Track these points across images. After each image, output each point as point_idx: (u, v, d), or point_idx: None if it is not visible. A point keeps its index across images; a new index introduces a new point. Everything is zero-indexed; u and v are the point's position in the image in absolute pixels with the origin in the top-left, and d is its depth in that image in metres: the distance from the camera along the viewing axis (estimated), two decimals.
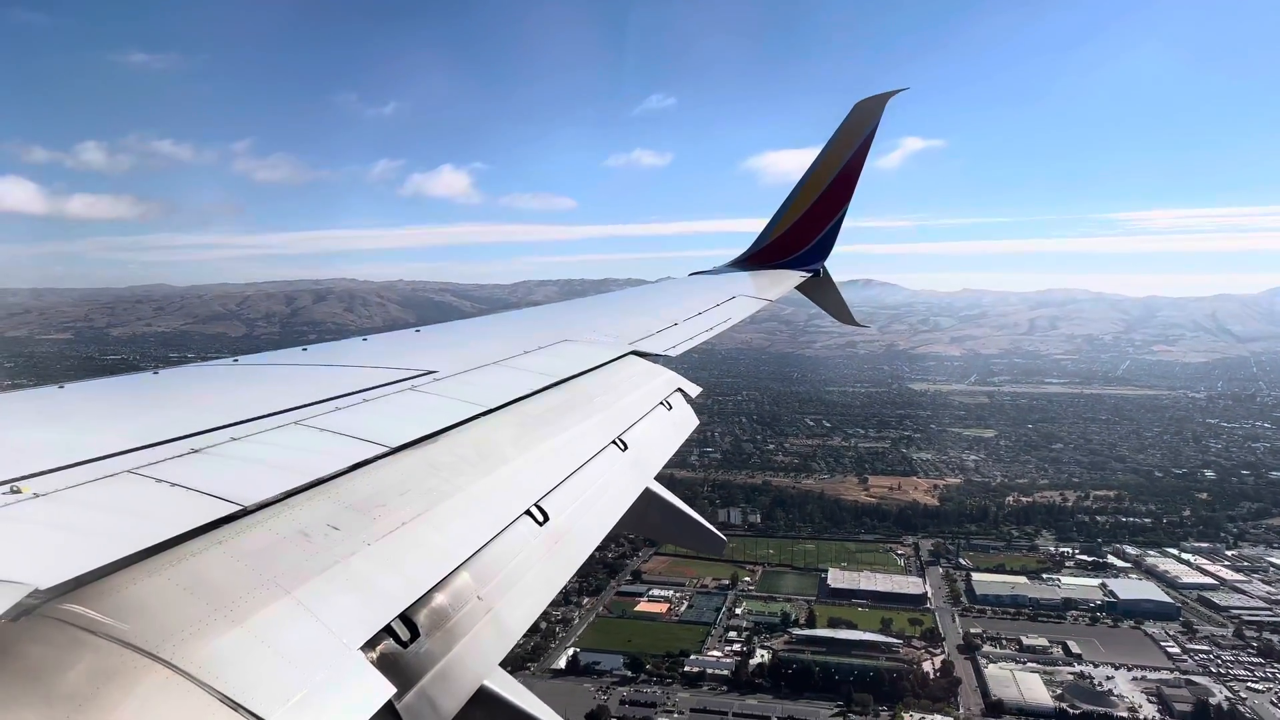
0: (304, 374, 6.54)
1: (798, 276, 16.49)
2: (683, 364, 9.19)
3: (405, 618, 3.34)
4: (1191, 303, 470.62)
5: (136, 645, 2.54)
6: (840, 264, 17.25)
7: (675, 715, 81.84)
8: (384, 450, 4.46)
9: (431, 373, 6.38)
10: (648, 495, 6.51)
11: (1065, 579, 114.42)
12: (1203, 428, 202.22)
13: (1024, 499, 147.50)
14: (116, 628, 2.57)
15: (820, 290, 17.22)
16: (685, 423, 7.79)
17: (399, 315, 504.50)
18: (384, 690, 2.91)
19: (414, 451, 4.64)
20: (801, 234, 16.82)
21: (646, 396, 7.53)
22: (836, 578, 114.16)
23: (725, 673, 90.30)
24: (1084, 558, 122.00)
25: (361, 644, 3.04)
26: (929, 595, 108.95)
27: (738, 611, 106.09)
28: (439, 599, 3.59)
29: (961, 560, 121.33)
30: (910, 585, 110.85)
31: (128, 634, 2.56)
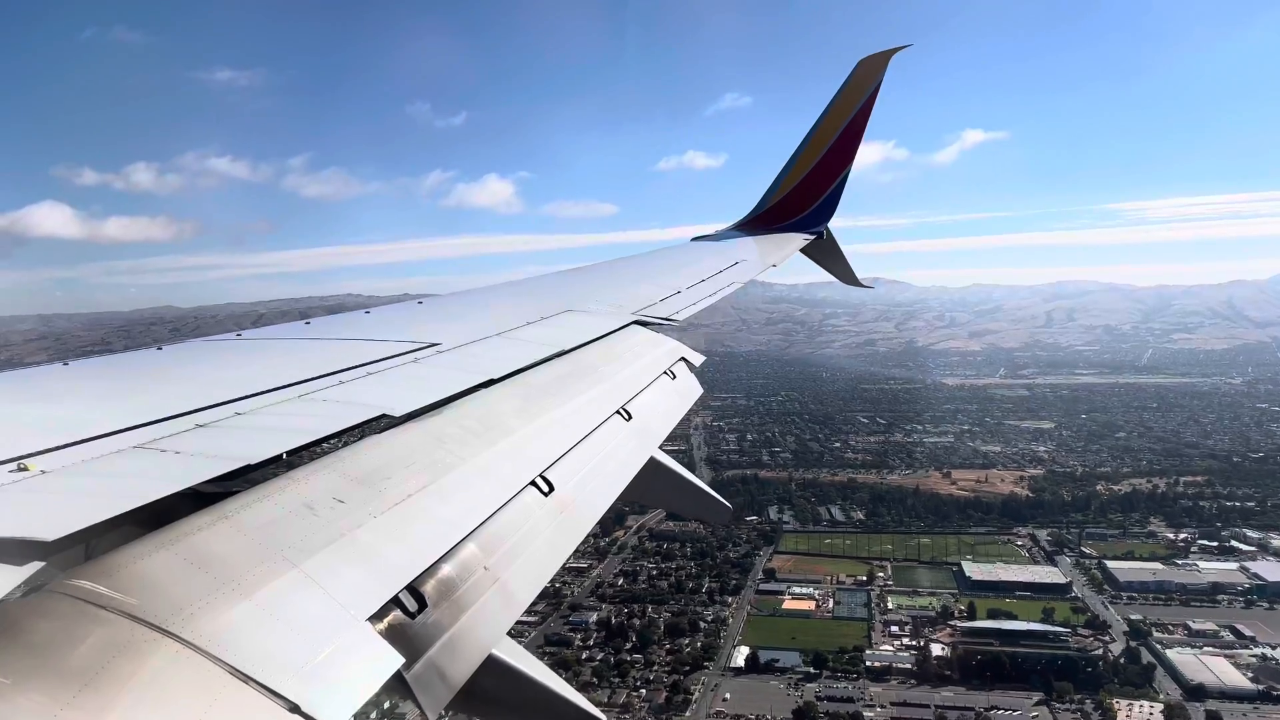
0: (307, 348, 6.59)
1: (801, 239, 16.19)
2: (701, 366, 9.21)
3: (412, 589, 3.38)
4: (1206, 290, 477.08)
5: (145, 619, 2.56)
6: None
7: (878, 710, 79.83)
8: (389, 422, 4.52)
9: (434, 345, 6.41)
10: (653, 465, 6.52)
11: (1201, 563, 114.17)
12: (1256, 413, 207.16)
13: (1114, 487, 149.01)
14: (125, 602, 2.59)
15: (824, 252, 16.84)
16: (689, 392, 7.73)
17: None
18: (393, 660, 2.97)
19: (418, 423, 4.70)
20: (804, 195, 16.47)
21: (650, 366, 7.51)
22: (973, 570, 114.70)
23: (909, 666, 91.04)
24: (1205, 542, 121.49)
25: (369, 615, 3.09)
26: (1072, 584, 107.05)
27: (889, 606, 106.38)
28: (446, 570, 3.63)
29: (1084, 549, 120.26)
30: (1048, 575, 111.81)
31: (136, 608, 2.59)
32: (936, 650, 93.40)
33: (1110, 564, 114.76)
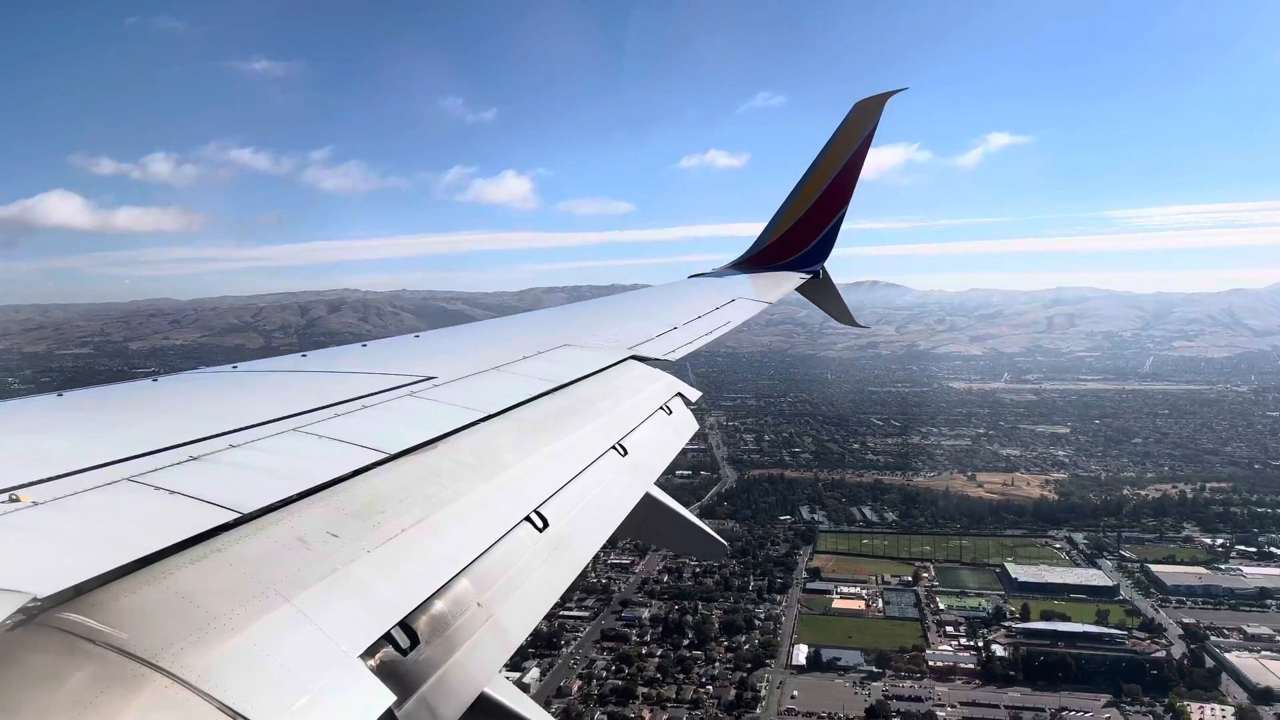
0: (303, 380, 6.65)
1: (797, 278, 16.52)
2: (707, 367, 9.21)
3: (405, 625, 3.38)
4: (1207, 298, 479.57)
5: (135, 654, 2.56)
6: (843, 266, 17.49)
7: (949, 709, 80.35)
8: (383, 456, 4.53)
9: (431, 378, 6.45)
10: (648, 500, 6.63)
11: (1244, 568, 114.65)
12: (1269, 421, 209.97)
13: (1140, 492, 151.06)
14: (115, 636, 2.59)
15: (820, 292, 17.24)
16: (685, 427, 7.73)
17: (414, 324, 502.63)
18: (384, 698, 2.94)
19: (413, 458, 4.73)
20: (801, 235, 16.82)
21: (646, 401, 7.57)
22: (1017, 572, 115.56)
23: (972, 666, 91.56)
24: (1243, 548, 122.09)
25: (361, 651, 3.08)
26: (1119, 587, 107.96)
27: (941, 607, 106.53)
28: (439, 606, 3.63)
29: (1123, 553, 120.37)
30: (1093, 577, 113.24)
31: (127, 642, 2.59)
32: (997, 651, 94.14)
33: (1153, 568, 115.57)
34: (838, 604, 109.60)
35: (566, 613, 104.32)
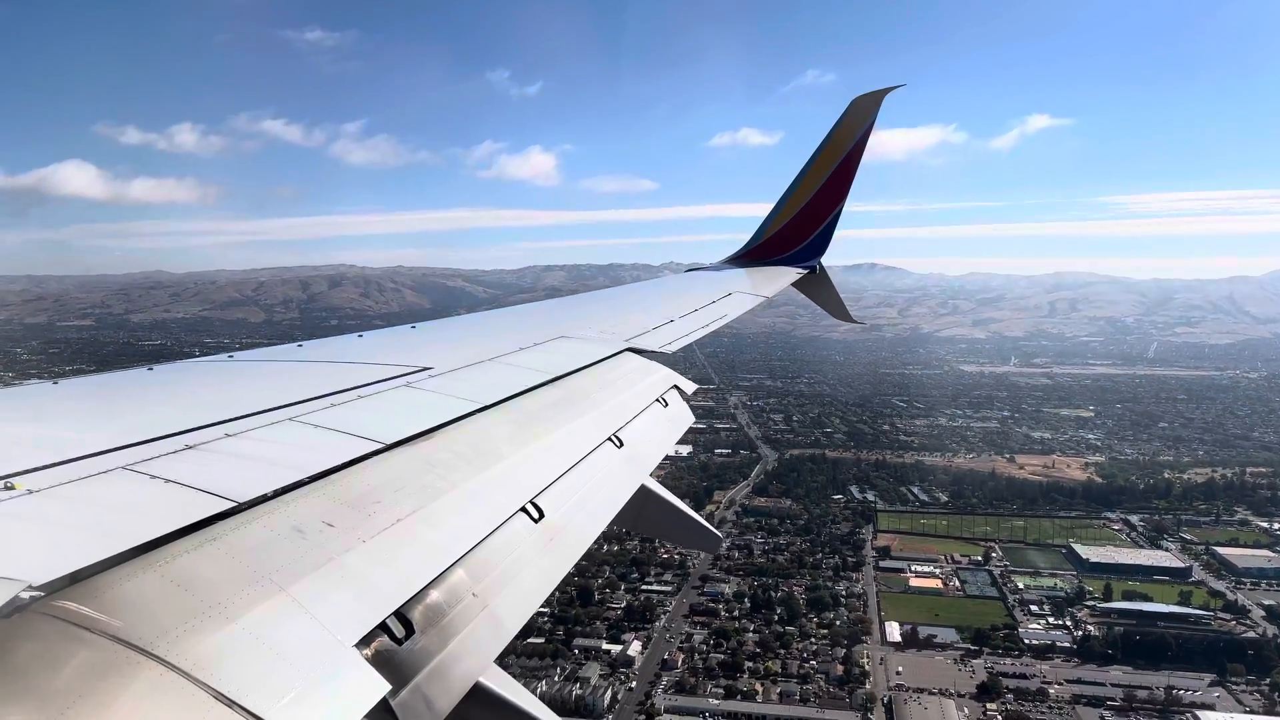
0: (299, 370, 6.69)
1: (794, 273, 16.72)
2: (714, 348, 9.49)
3: (400, 614, 3.43)
4: (1207, 285, 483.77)
5: (130, 642, 2.59)
6: (840, 249, 17.88)
7: (1057, 687, 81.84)
8: (379, 446, 4.60)
9: (427, 369, 6.53)
10: (644, 492, 6.71)
11: None
12: None
13: (1181, 475, 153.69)
14: (110, 624, 2.62)
15: (816, 287, 17.40)
16: (681, 419, 7.85)
17: (414, 300, 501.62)
18: (379, 687, 2.99)
19: (409, 448, 4.79)
20: (798, 231, 16.98)
21: (642, 393, 7.68)
22: (1086, 552, 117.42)
23: (1068, 644, 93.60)
24: None
25: (356, 641, 3.13)
26: (1192, 568, 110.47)
27: (1020, 586, 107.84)
28: (434, 596, 3.69)
29: (1184, 535, 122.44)
30: (1162, 559, 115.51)
31: (121, 631, 2.61)
32: (1091, 629, 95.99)
33: (1219, 550, 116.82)
34: (914, 582, 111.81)
35: (648, 587, 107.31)
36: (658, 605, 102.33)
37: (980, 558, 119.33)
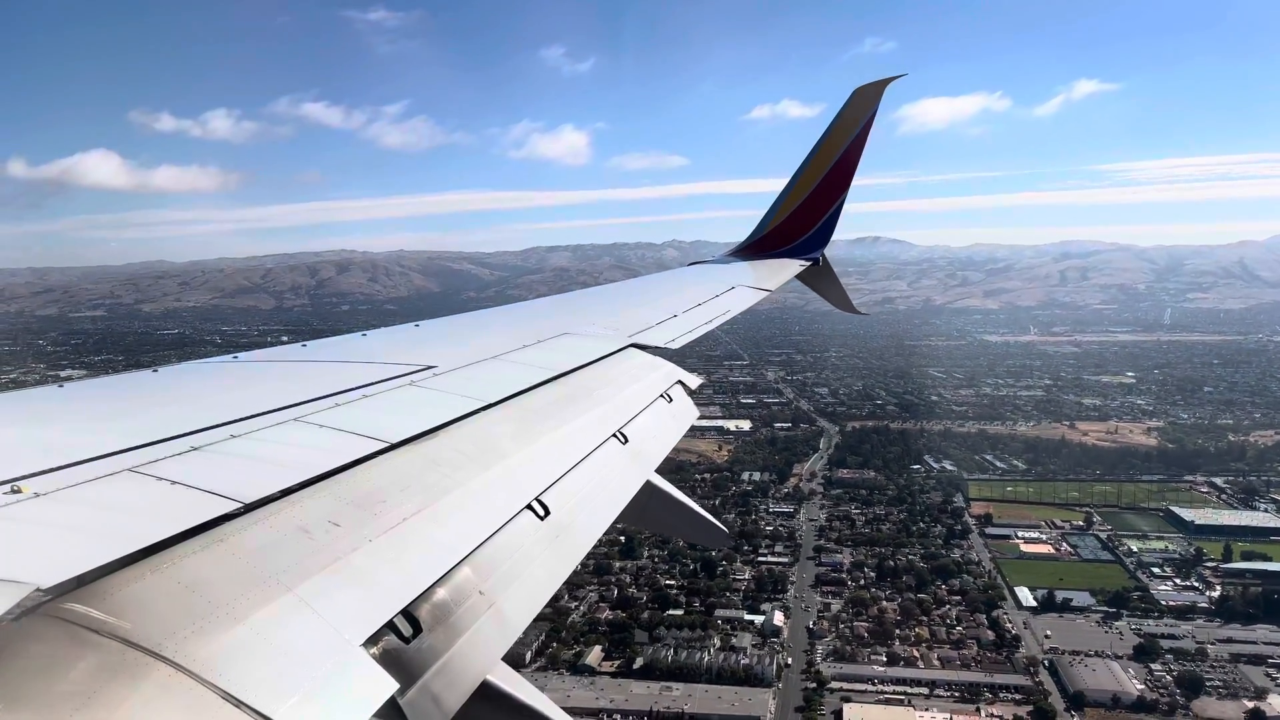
0: (303, 370, 6.79)
1: (797, 265, 16.74)
2: (731, 324, 9.89)
3: (407, 613, 3.48)
4: (1217, 250, 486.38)
5: (138, 643, 2.61)
6: (842, 223, 17.76)
7: (1211, 646, 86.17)
8: (384, 446, 4.66)
9: (431, 368, 6.59)
10: (649, 488, 6.81)
11: None
12: None
13: (1245, 438, 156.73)
14: (118, 626, 2.65)
15: (820, 279, 17.40)
16: (685, 415, 7.84)
17: (422, 284, 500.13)
18: (387, 686, 3.01)
19: (414, 447, 4.85)
20: (800, 222, 16.97)
21: (647, 389, 7.72)
22: (1189, 515, 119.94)
23: (1206, 605, 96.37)
24: None
25: (364, 640, 3.16)
26: None
27: (1134, 549, 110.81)
28: (441, 594, 3.73)
29: (1275, 496, 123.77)
30: (1264, 519, 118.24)
31: (129, 632, 2.64)
32: (1223, 590, 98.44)
33: None
34: (1025, 548, 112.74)
35: (764, 559, 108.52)
36: (780, 576, 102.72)
37: (1081, 523, 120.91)
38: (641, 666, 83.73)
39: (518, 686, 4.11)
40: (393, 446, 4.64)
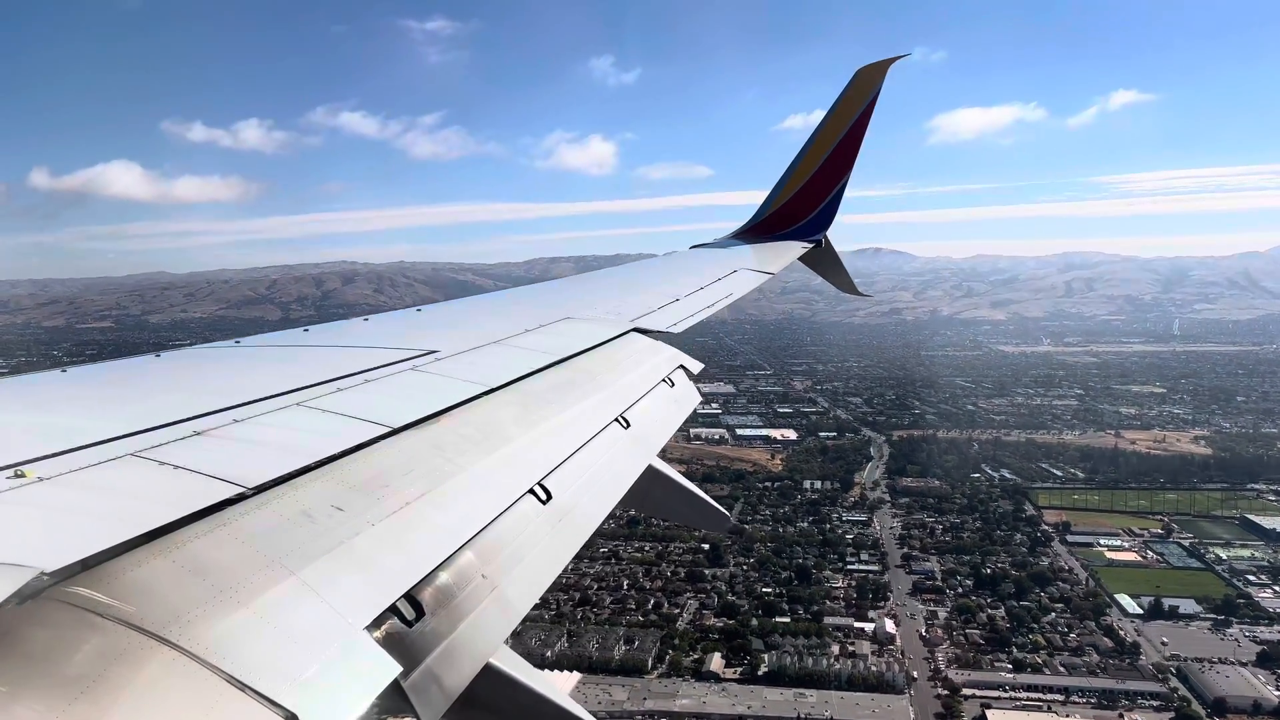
0: (306, 355, 6.85)
1: (800, 247, 16.68)
2: (739, 335, 9.86)
3: (410, 597, 3.51)
4: (1221, 262, 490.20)
5: (143, 627, 2.64)
6: (842, 235, 17.87)
7: None
8: (387, 430, 4.69)
9: (433, 352, 6.63)
10: (651, 472, 6.83)
11: None
12: None
13: None
14: (122, 610, 2.67)
15: (822, 260, 17.36)
16: (688, 399, 7.92)
17: (428, 295, 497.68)
18: (390, 669, 3.06)
19: (417, 431, 4.89)
20: (803, 204, 16.89)
21: (649, 374, 7.77)
22: (1269, 522, 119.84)
23: None
24: None
25: (367, 624, 3.20)
26: None
27: (1223, 556, 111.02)
28: (443, 578, 3.77)
29: None
30: None
31: (134, 616, 2.66)
32: None
33: None
34: (1110, 555, 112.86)
35: (853, 567, 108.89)
36: (876, 584, 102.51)
37: (1160, 530, 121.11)
38: (766, 673, 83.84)
39: (521, 670, 4.14)
40: (396, 431, 4.67)
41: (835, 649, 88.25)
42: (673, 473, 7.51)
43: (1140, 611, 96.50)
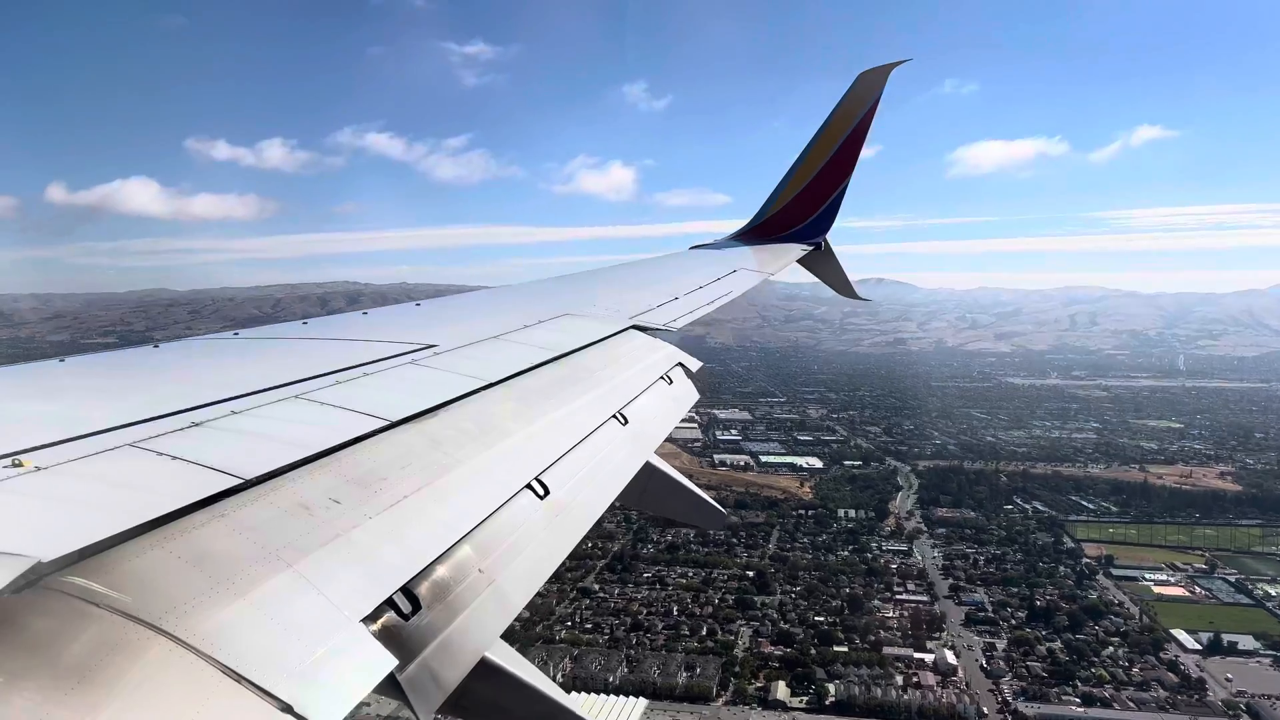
0: (304, 347, 6.87)
1: (799, 250, 16.78)
2: (744, 363, 9.96)
3: (407, 590, 3.53)
4: (1223, 298, 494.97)
5: (139, 618, 2.65)
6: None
7: None
8: (385, 424, 4.71)
9: (432, 347, 6.65)
10: (648, 469, 6.86)
11: None
12: None
13: None
14: (119, 600, 2.68)
15: (821, 263, 17.41)
16: (686, 397, 7.94)
17: None
18: (386, 662, 3.09)
19: (415, 425, 4.90)
20: (803, 207, 16.94)
21: (647, 371, 7.79)
22: None
23: None
24: None
25: (363, 616, 3.22)
26: None
27: (1272, 593, 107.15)
28: (441, 571, 3.78)
29: None
30: None
31: (130, 606, 2.68)
32: None
33: None
34: (1157, 589, 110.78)
35: (902, 597, 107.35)
36: (928, 615, 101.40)
37: (1204, 565, 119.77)
38: (834, 702, 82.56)
39: (516, 664, 4.16)
40: (394, 424, 4.67)
41: (899, 679, 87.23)
42: (670, 469, 7.52)
43: (1199, 647, 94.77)
